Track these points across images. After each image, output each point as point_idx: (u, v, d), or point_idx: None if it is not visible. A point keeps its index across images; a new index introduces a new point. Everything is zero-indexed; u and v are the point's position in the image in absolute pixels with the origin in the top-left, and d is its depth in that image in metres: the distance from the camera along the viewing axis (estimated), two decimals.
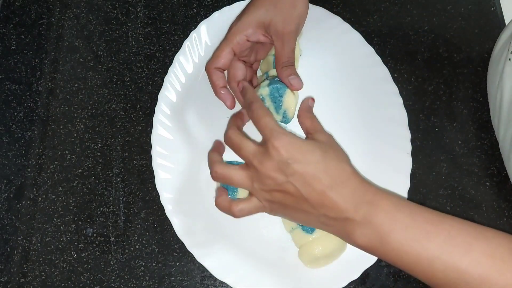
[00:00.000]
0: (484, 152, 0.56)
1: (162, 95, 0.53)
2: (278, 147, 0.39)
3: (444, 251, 0.36)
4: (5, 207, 0.52)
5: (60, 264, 0.50)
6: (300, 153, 0.39)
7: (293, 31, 0.47)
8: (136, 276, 0.50)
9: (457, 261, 0.36)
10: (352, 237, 0.39)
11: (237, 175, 0.42)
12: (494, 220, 0.53)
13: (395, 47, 0.59)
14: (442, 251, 0.36)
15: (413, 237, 0.37)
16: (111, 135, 0.55)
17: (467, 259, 0.36)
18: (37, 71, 0.57)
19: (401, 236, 0.37)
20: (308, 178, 0.39)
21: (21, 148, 0.54)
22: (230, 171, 0.43)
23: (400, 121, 0.53)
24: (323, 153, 0.40)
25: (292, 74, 0.47)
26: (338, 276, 0.48)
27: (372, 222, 0.38)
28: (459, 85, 0.58)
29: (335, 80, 0.56)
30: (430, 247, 0.36)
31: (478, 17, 0.61)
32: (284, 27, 0.47)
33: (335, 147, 0.43)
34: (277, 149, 0.39)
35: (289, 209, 0.41)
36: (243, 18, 0.48)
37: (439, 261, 0.36)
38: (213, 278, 0.49)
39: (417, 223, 0.37)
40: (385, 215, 0.38)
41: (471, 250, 0.36)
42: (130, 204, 0.53)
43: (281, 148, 0.39)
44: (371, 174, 0.52)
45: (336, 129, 0.54)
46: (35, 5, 0.60)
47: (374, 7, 0.61)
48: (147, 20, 0.59)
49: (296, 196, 0.40)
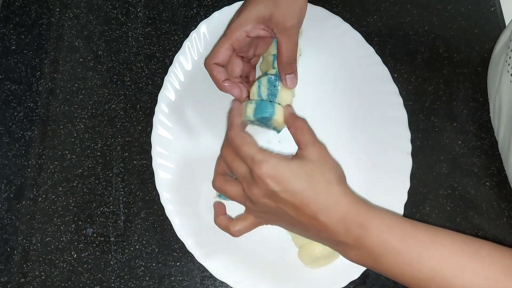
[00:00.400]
0: (484, 152, 0.56)
1: (162, 95, 0.53)
2: (261, 176, 0.38)
3: (437, 273, 0.36)
4: (5, 207, 0.52)
5: (60, 264, 0.50)
6: (285, 181, 0.38)
7: (295, 25, 0.47)
8: (136, 276, 0.50)
9: (451, 282, 0.36)
10: (346, 256, 0.40)
11: (233, 192, 0.43)
12: (494, 220, 0.53)
13: (395, 47, 0.59)
14: (435, 274, 0.36)
15: (405, 261, 0.37)
16: (111, 135, 0.55)
17: (461, 280, 0.36)
18: (37, 71, 0.57)
19: (393, 260, 0.37)
20: (297, 205, 0.39)
21: (21, 148, 0.54)
22: (227, 187, 0.43)
23: (400, 121, 0.53)
24: (309, 178, 0.39)
25: (292, 72, 0.47)
26: (338, 276, 0.48)
27: (364, 245, 0.38)
28: (459, 85, 0.58)
29: (335, 80, 0.56)
30: (424, 270, 0.37)
31: (478, 17, 0.61)
32: (286, 21, 0.46)
33: (324, 166, 0.41)
34: (261, 179, 0.39)
35: (285, 224, 0.42)
36: (242, 14, 0.47)
37: (433, 283, 0.36)
38: (213, 278, 0.49)
39: (409, 248, 0.37)
40: (376, 239, 0.38)
41: (464, 271, 0.36)
42: (130, 204, 0.53)
43: (265, 177, 0.38)
44: (371, 174, 0.52)
45: (336, 129, 0.54)
46: (35, 5, 0.60)
47: (374, 7, 0.61)
48: (147, 20, 0.59)
49: (288, 218, 0.40)
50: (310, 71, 0.56)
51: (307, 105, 0.54)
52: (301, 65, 0.55)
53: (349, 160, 0.48)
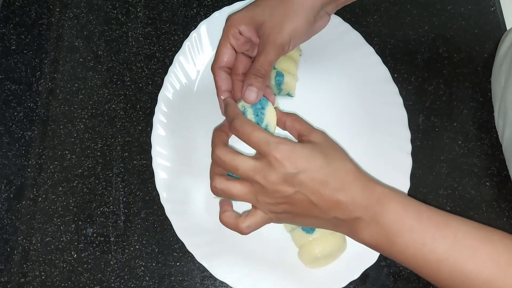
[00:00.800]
0: (484, 152, 0.56)
1: (162, 95, 0.53)
2: (280, 159, 0.38)
3: (450, 255, 0.36)
4: (5, 207, 0.52)
5: (60, 264, 0.50)
6: (303, 161, 0.38)
7: (278, 44, 0.44)
8: (136, 276, 0.50)
9: (463, 265, 0.36)
10: (360, 236, 0.39)
11: (239, 190, 0.40)
12: (494, 220, 0.53)
13: (395, 47, 0.59)
14: (448, 255, 0.36)
15: (419, 240, 0.37)
16: (111, 135, 0.55)
17: (473, 263, 0.36)
18: (37, 71, 0.57)
19: (407, 238, 0.37)
20: (317, 185, 0.38)
21: (21, 148, 0.54)
22: (230, 186, 0.41)
23: (400, 121, 0.53)
24: (325, 156, 0.39)
25: (252, 84, 0.43)
26: (338, 276, 0.48)
27: (380, 222, 0.38)
28: (459, 85, 0.58)
29: (335, 80, 0.56)
30: (437, 250, 0.36)
31: (478, 17, 0.61)
32: (272, 35, 0.43)
33: (333, 146, 0.41)
34: (280, 162, 0.38)
35: (298, 217, 0.41)
36: (239, 12, 0.46)
37: (445, 264, 0.36)
38: (213, 278, 0.49)
39: (424, 226, 0.37)
40: (392, 216, 0.38)
41: (477, 254, 0.36)
42: (130, 204, 0.53)
43: (284, 159, 0.38)
44: (371, 174, 0.52)
45: (336, 129, 0.54)
46: (35, 5, 0.60)
47: (374, 7, 0.61)
48: (147, 20, 0.59)
49: (305, 205, 0.39)
50: (310, 71, 0.56)
51: (307, 105, 0.54)
52: (301, 65, 0.55)
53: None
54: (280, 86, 0.52)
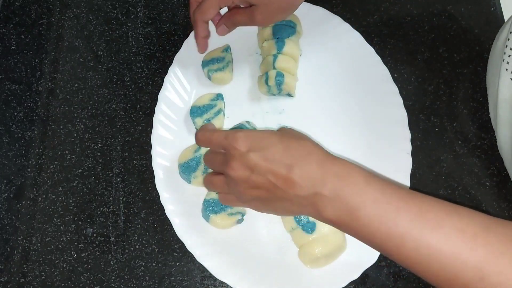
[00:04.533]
0: (484, 152, 0.56)
1: (162, 95, 0.53)
2: (236, 144, 0.40)
3: (414, 226, 0.35)
4: (5, 207, 0.52)
5: (60, 264, 0.50)
6: (257, 141, 0.40)
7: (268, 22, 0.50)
8: (136, 276, 0.50)
9: (428, 237, 0.34)
10: (324, 214, 0.38)
11: (216, 179, 0.44)
12: None
13: (395, 47, 0.59)
14: (412, 227, 0.35)
15: (383, 213, 0.36)
16: (111, 135, 0.55)
17: (438, 234, 0.34)
18: (37, 71, 0.57)
19: (370, 211, 0.36)
20: (269, 163, 0.38)
21: (21, 148, 0.54)
22: (212, 177, 0.45)
23: (400, 121, 0.53)
24: (279, 136, 0.40)
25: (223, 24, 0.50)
26: (338, 276, 0.48)
27: (340, 195, 0.37)
28: (459, 85, 0.58)
29: (335, 80, 0.56)
30: (400, 223, 0.35)
31: (478, 17, 0.61)
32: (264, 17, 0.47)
33: (292, 130, 0.43)
34: (236, 147, 0.40)
35: (268, 202, 0.41)
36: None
37: (410, 237, 0.35)
38: (213, 278, 0.49)
39: (387, 199, 0.36)
40: (353, 188, 0.37)
41: (442, 225, 0.35)
42: (130, 204, 0.53)
43: (239, 143, 0.40)
44: None
45: (336, 129, 0.54)
46: (35, 5, 0.60)
47: (374, 7, 0.61)
48: (147, 20, 0.59)
49: (266, 186, 0.39)
50: (310, 71, 0.56)
51: (307, 105, 0.55)
52: (301, 65, 0.55)
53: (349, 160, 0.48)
54: (280, 86, 0.52)
